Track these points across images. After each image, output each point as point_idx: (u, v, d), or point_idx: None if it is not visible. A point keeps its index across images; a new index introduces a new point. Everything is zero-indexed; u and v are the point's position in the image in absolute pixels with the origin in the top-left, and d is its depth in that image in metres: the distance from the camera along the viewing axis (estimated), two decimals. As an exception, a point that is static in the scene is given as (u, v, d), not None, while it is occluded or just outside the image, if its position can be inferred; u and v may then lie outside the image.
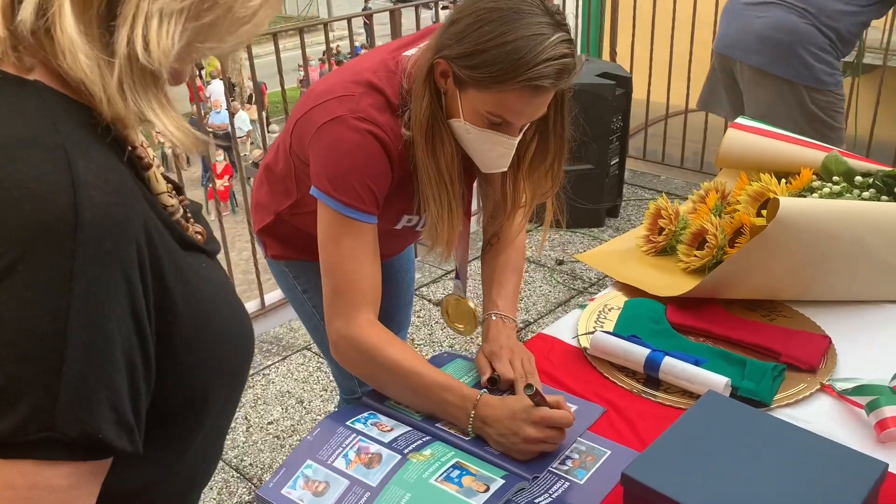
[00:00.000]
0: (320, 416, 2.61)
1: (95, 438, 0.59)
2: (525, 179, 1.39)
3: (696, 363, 1.29)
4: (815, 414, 1.22)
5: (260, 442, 2.52)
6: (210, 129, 12.42)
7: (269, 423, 2.61)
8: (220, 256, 0.89)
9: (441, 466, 1.11)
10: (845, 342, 1.38)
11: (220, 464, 2.42)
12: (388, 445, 1.16)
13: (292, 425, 2.59)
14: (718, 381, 1.24)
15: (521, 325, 3.07)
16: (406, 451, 1.14)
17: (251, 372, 2.85)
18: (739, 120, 1.78)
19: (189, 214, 0.82)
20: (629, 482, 1.02)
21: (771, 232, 1.34)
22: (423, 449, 1.15)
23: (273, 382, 2.81)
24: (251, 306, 3.12)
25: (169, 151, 13.41)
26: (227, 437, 2.51)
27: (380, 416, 1.25)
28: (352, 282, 1.27)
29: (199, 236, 0.80)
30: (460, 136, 1.27)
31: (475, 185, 1.49)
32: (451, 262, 1.53)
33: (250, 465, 2.42)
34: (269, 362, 2.93)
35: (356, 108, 1.24)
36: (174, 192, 0.80)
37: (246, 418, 2.63)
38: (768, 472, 1.01)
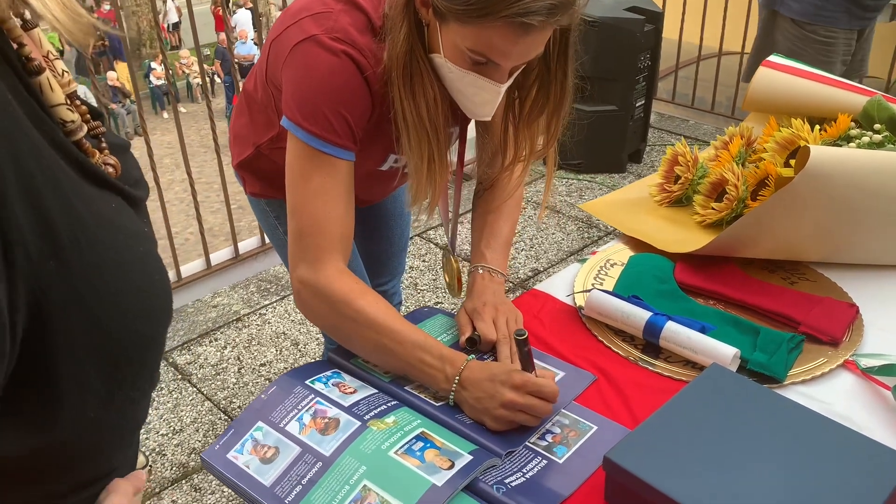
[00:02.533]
0: (314, 360, 2.52)
1: None
2: (525, 130, 1.23)
3: (703, 330, 1.15)
4: (834, 393, 1.08)
5: (251, 384, 2.43)
6: (236, 61, 12.24)
7: (262, 365, 2.51)
8: (217, 196, 0.76)
9: (403, 437, 0.99)
10: (875, 312, 1.22)
11: (209, 405, 2.35)
12: (348, 410, 1.03)
13: (285, 368, 2.50)
14: (726, 352, 1.09)
15: (529, 274, 2.93)
16: (367, 417, 1.02)
17: (247, 311, 2.77)
18: (772, 58, 1.59)
19: (104, 144, 0.69)
20: (612, 467, 0.89)
21: (798, 184, 1.18)
22: (385, 416, 1.03)
23: (269, 323, 2.72)
24: (251, 243, 3.01)
25: (194, 83, 13.30)
26: (218, 378, 2.44)
27: (343, 375, 1.13)
28: (320, 224, 1.13)
29: (111, 169, 0.66)
30: (442, 77, 1.11)
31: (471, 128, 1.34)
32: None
33: (239, 408, 2.34)
34: (267, 301, 2.83)
35: (333, 27, 1.09)
36: (88, 116, 0.67)
37: (238, 359, 2.54)
38: (775, 462, 0.88)
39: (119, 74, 11.88)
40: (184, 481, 2.07)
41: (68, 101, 0.63)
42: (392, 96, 1.10)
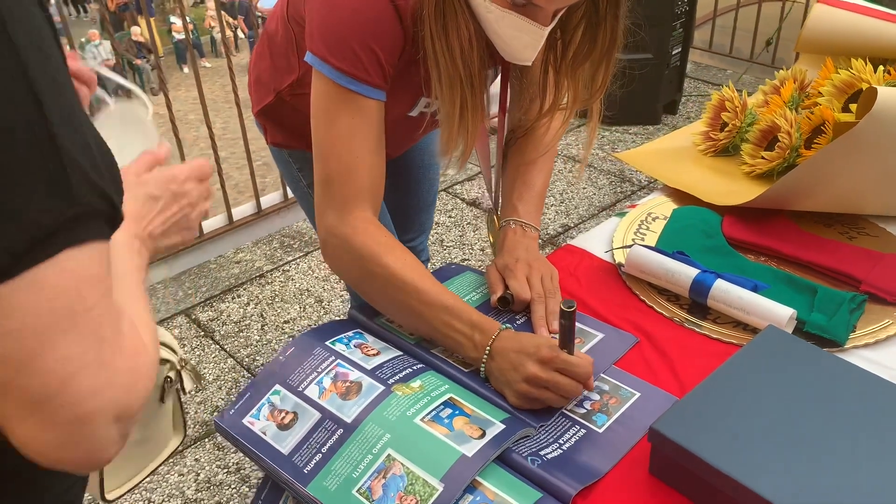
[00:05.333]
0: (338, 317, 2.46)
1: (109, 201, 0.53)
2: (567, 77, 1.13)
3: (755, 289, 1.05)
4: (900, 359, 0.99)
5: (274, 341, 2.38)
6: (259, 14, 12.09)
7: (285, 322, 2.46)
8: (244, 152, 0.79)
9: (430, 403, 0.91)
10: (944, 270, 1.12)
11: (231, 362, 2.30)
12: (371, 373, 0.96)
13: (309, 325, 2.45)
14: (781, 313, 1.00)
15: (559, 230, 2.84)
16: (391, 381, 0.95)
17: (270, 267, 2.71)
18: (830, -7, 1.46)
19: None
20: (659, 439, 0.81)
21: (863, 128, 1.07)
22: (411, 380, 0.95)
23: (292, 279, 2.66)
24: (273, 198, 2.94)
25: (218, 37, 13.17)
26: (241, 335, 2.40)
27: (366, 335, 1.06)
28: (348, 169, 1.04)
29: None
30: (480, 16, 1.00)
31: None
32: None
33: (262, 365, 2.29)
34: (290, 258, 2.77)
35: None
36: None
37: (261, 316, 2.49)
38: (840, 434, 0.79)
39: (143, 30, 11.80)
40: (206, 440, 2.04)
41: None
42: (422, 35, 1.00)
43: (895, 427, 0.80)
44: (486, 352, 0.96)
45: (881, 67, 1.30)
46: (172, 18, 12.63)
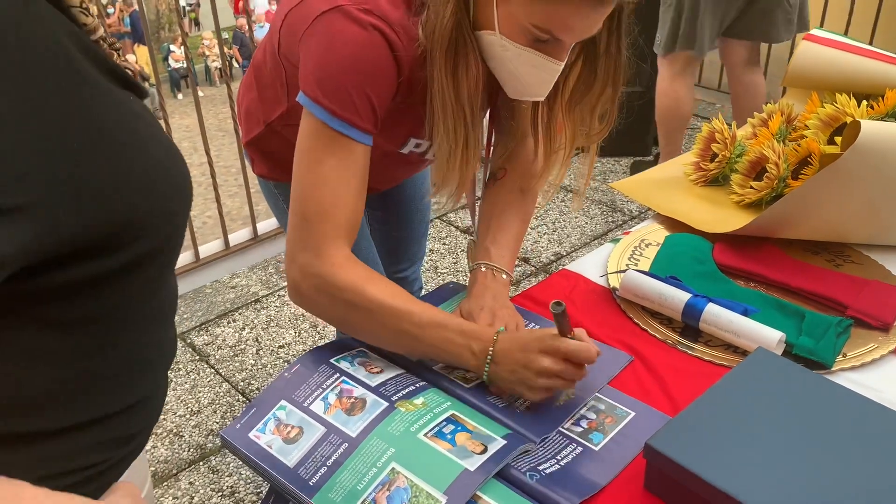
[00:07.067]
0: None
1: None
2: (564, 115, 1.13)
3: (745, 313, 1.09)
4: (885, 381, 1.02)
5: (269, 366, 2.40)
6: (256, 45, 12.18)
7: (281, 347, 2.48)
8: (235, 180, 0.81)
9: (433, 419, 0.94)
10: (926, 296, 1.16)
11: (227, 386, 2.32)
12: (375, 390, 0.99)
13: (304, 350, 2.46)
14: (771, 336, 1.04)
15: (552, 258, 2.88)
16: (394, 397, 0.98)
17: (265, 292, 2.74)
18: (815, 31, 1.52)
19: (118, 47, 0.71)
20: (654, 455, 0.84)
21: (847, 160, 1.12)
22: (413, 397, 0.98)
23: (288, 304, 2.68)
24: (270, 224, 2.97)
25: (213, 66, 13.26)
26: (236, 359, 2.41)
27: (369, 354, 1.09)
28: (328, 211, 1.04)
29: (129, 71, 0.69)
30: (491, 55, 1.02)
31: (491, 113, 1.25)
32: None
33: (257, 389, 2.31)
34: (285, 283, 2.78)
35: None
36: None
37: (257, 340, 2.51)
38: (829, 452, 0.83)
39: (139, 58, 11.89)
40: (201, 463, 2.05)
41: (81, 6, 0.66)
42: (429, 74, 1.02)
43: (880, 443, 0.83)
44: (488, 358, 0.98)
45: (864, 102, 1.35)
46: (172, 47, 12.71)
